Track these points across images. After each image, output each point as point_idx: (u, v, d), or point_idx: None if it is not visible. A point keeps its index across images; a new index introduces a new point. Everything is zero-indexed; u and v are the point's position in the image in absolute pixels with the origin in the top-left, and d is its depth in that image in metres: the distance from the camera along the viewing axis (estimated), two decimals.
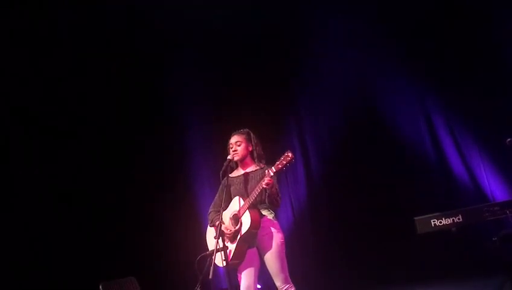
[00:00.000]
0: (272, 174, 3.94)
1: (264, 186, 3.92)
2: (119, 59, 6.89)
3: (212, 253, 3.95)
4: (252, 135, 4.38)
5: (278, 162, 3.93)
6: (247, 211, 4.03)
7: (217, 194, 4.32)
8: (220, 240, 3.98)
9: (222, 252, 4.03)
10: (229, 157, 4.31)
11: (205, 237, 4.41)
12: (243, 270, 4.13)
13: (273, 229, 4.12)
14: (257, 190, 4.01)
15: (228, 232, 4.12)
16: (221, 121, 6.68)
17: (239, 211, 4.10)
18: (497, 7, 6.14)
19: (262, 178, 4.01)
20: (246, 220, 4.02)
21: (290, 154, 3.88)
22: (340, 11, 6.84)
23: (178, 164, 7.08)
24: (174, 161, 7.06)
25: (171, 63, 7.22)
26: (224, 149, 4.52)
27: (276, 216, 4.24)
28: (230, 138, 4.38)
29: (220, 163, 4.29)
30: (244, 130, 4.40)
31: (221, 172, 4.22)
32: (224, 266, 4.02)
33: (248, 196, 4.08)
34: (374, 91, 6.79)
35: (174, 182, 6.94)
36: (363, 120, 6.73)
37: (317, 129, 7.06)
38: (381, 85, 6.74)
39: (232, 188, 4.29)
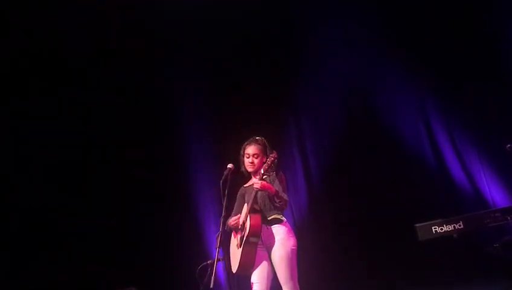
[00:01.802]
0: (261, 176, 4.01)
1: (255, 188, 3.99)
2: (117, 65, 6.90)
3: (213, 262, 3.97)
4: (267, 145, 4.37)
5: (264, 164, 4.02)
6: (248, 215, 4.07)
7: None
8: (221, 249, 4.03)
9: (229, 259, 4.07)
10: (229, 166, 4.34)
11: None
12: (256, 278, 4.13)
13: (284, 235, 4.15)
14: (252, 194, 4.06)
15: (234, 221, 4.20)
16: (222, 130, 6.69)
17: (244, 216, 4.15)
18: (497, 11, 6.16)
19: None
20: (247, 225, 4.07)
21: (274, 155, 4.01)
22: (340, 14, 6.85)
23: (178, 173, 7.05)
24: (175, 169, 7.04)
25: (170, 68, 7.23)
26: (225, 157, 4.54)
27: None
28: (246, 146, 4.37)
29: (221, 171, 4.31)
30: (261, 139, 4.39)
31: (221, 181, 4.24)
32: (234, 273, 4.06)
33: (257, 203, 4.12)
34: (374, 96, 6.78)
35: (176, 191, 6.91)
36: (363, 126, 6.72)
37: (317, 135, 7.04)
38: (381, 90, 6.74)
39: (245, 197, 4.35)
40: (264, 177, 4.02)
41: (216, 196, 5.60)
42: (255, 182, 4.02)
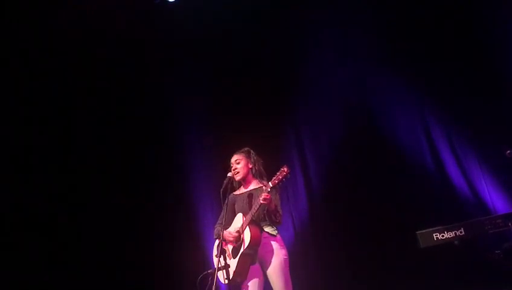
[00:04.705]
0: (268, 189, 4.00)
1: (262, 201, 3.99)
2: (118, 79, 6.93)
3: (214, 271, 3.98)
4: (251, 152, 4.45)
5: (274, 178, 4.01)
6: (248, 227, 4.08)
7: (222, 211, 4.36)
8: (222, 258, 4.03)
9: (224, 270, 4.07)
10: (229, 174, 4.39)
11: (211, 253, 4.53)
12: (247, 287, 4.14)
13: (276, 246, 4.17)
14: (256, 206, 4.07)
15: (231, 237, 4.16)
16: (222, 139, 6.70)
17: (241, 227, 4.14)
18: (498, 20, 6.17)
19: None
20: (247, 237, 4.08)
21: (285, 169, 3.99)
22: (339, 25, 6.87)
23: (179, 182, 7.06)
24: (175, 178, 7.05)
25: (170, 78, 7.25)
26: (225, 167, 4.55)
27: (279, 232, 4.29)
28: (231, 159, 4.47)
29: (221, 181, 4.33)
30: (244, 148, 4.47)
31: (221, 190, 4.27)
32: (227, 284, 4.06)
33: (253, 215, 4.12)
34: (373, 105, 6.78)
35: (176, 200, 6.92)
36: (362, 134, 6.72)
37: (317, 144, 7.04)
38: (380, 99, 6.73)
39: (236, 206, 4.37)
40: (269, 190, 4.02)
41: (216, 205, 5.62)
42: (264, 195, 3.99)
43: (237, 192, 4.49)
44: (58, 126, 6.79)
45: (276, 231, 4.25)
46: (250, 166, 4.41)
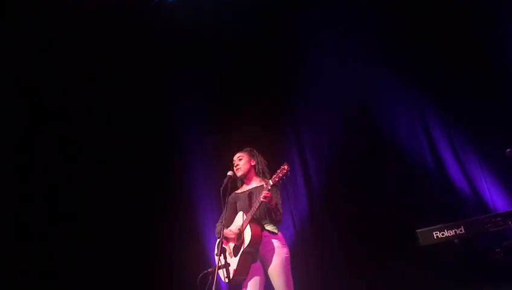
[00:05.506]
0: (269, 187, 3.99)
1: (262, 199, 3.98)
2: (119, 79, 6.93)
3: (214, 270, 3.97)
4: (255, 151, 4.47)
5: (274, 175, 4.01)
6: (248, 225, 4.08)
7: (224, 209, 4.36)
8: (222, 257, 4.02)
9: (225, 268, 4.06)
10: (229, 173, 4.40)
11: (211, 253, 4.60)
12: (248, 286, 4.14)
13: (277, 244, 4.16)
14: (256, 204, 4.07)
15: (231, 235, 4.16)
16: (222, 139, 6.70)
17: (241, 225, 4.13)
18: (500, 20, 6.17)
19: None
20: (247, 235, 4.08)
21: (286, 167, 3.99)
22: (339, 26, 6.87)
23: (179, 182, 7.06)
24: (175, 178, 7.05)
25: (169, 80, 7.26)
26: (225, 166, 4.56)
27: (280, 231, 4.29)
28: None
29: (221, 181, 4.33)
30: (247, 148, 4.48)
31: (221, 189, 4.26)
32: (227, 282, 4.06)
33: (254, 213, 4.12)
34: (373, 105, 6.77)
35: (176, 200, 6.92)
36: (362, 134, 6.72)
37: (317, 144, 7.04)
38: (381, 99, 6.73)
39: (237, 204, 4.37)
40: (269, 188, 4.02)
41: (217, 204, 5.63)
42: (264, 192, 3.99)
43: (239, 191, 4.49)
44: (58, 126, 6.78)
45: (277, 229, 4.24)
46: (253, 163, 4.43)
